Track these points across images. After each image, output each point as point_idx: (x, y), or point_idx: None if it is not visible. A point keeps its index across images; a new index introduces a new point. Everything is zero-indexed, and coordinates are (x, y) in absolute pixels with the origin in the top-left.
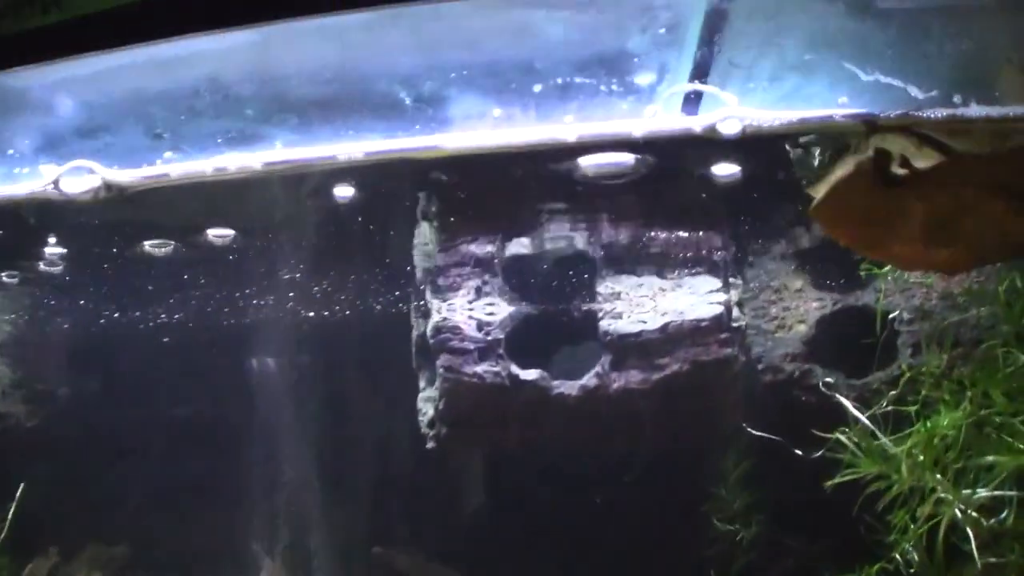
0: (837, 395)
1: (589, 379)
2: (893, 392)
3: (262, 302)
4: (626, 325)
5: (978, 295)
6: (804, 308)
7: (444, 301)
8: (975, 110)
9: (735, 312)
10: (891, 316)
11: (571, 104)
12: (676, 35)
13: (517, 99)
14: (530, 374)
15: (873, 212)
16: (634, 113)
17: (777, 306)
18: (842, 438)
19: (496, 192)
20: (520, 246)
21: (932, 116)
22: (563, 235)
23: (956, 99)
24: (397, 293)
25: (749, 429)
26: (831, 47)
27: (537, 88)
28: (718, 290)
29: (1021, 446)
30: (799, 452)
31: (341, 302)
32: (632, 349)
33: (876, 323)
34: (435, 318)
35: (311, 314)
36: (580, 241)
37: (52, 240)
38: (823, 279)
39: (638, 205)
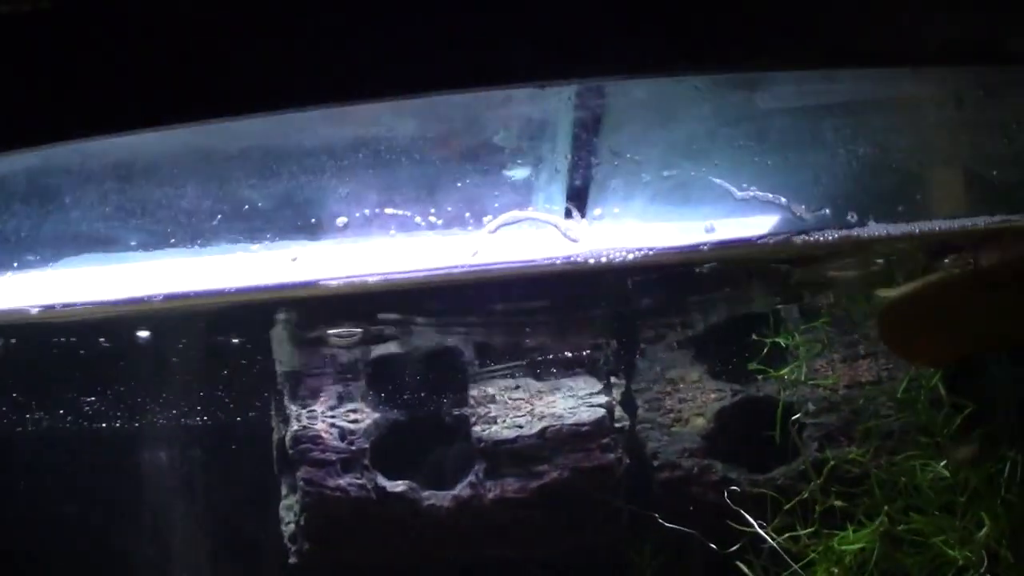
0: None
1: (462, 489)
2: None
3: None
4: (501, 430)
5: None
6: (702, 400)
7: (304, 408)
8: (873, 229)
9: (617, 413)
10: (795, 408)
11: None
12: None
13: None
14: (398, 486)
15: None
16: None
17: (673, 398)
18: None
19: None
20: (386, 347)
21: (816, 239)
22: (432, 335)
23: (851, 217)
24: (263, 397)
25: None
26: (699, 158)
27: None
28: (599, 391)
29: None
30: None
31: (203, 407)
32: (508, 456)
33: (779, 415)
34: (294, 427)
35: (171, 420)
36: (450, 341)
37: None
38: (722, 369)
39: (512, 303)
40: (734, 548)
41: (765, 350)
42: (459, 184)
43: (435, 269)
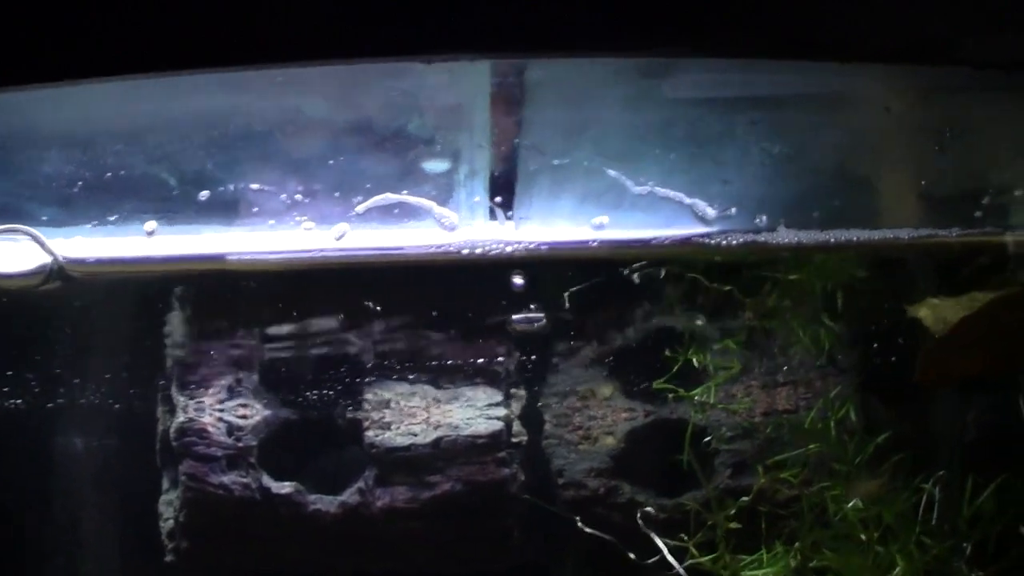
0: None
1: (350, 495)
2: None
3: None
4: (394, 437)
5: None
6: (612, 418)
7: (191, 399)
8: (783, 235)
9: (516, 427)
10: (709, 432)
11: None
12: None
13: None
14: (284, 487)
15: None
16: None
17: (582, 414)
18: None
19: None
20: (282, 342)
21: (717, 242)
22: (331, 335)
23: (760, 220)
24: (149, 382)
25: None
26: (594, 148)
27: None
28: (499, 403)
29: None
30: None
31: (87, 388)
32: (400, 464)
33: (691, 439)
34: (180, 418)
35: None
36: (348, 342)
37: None
38: (636, 388)
39: (415, 305)
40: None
41: (677, 370)
42: (372, 178)
43: (297, 252)
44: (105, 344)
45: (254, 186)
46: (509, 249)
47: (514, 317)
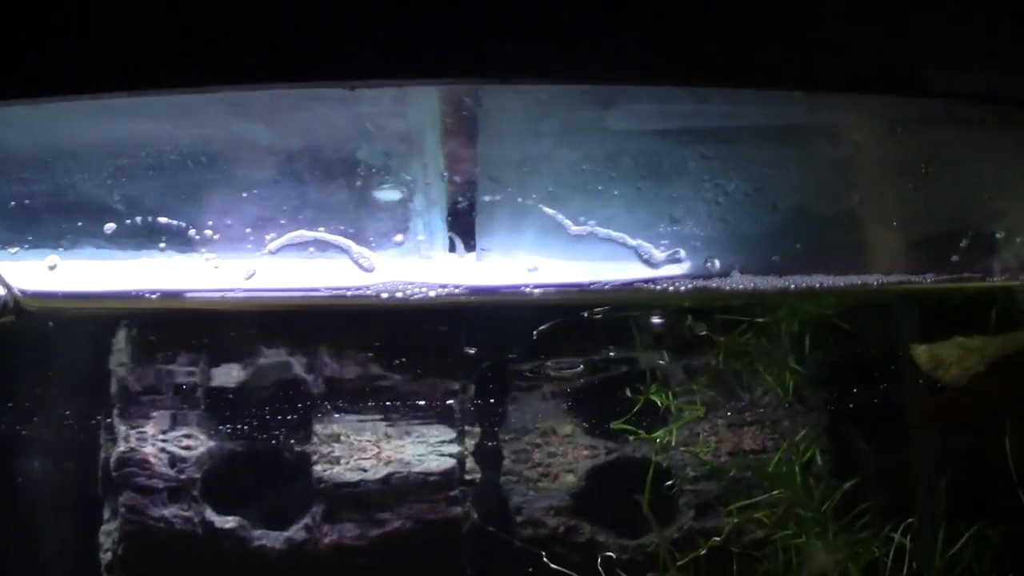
0: None
1: (296, 531)
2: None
3: None
4: (344, 472)
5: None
6: (573, 456)
7: (133, 428)
8: (738, 280)
9: (469, 464)
10: (672, 473)
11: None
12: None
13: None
14: (227, 521)
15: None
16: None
17: (542, 451)
18: None
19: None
20: (229, 372)
21: (663, 288)
22: (279, 366)
23: (711, 264)
24: (91, 411)
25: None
26: (532, 183)
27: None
28: (451, 441)
29: None
30: None
31: (28, 415)
32: (349, 500)
33: (654, 478)
34: (121, 447)
35: None
36: (298, 373)
37: None
38: (597, 425)
39: (368, 339)
40: None
41: (639, 409)
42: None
43: (204, 291)
44: (49, 372)
45: (166, 220)
46: (432, 294)
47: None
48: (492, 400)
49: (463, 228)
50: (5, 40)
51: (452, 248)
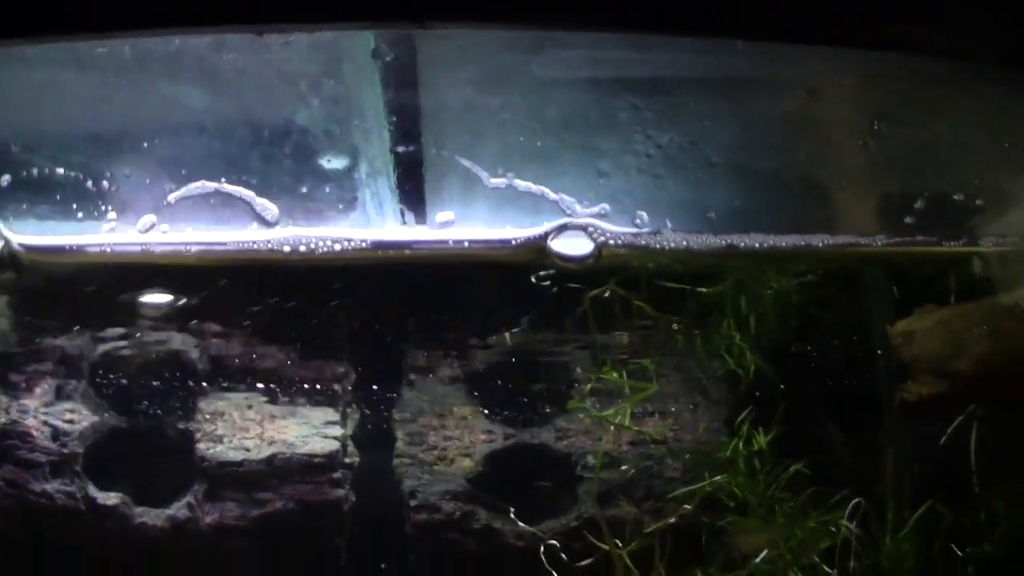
0: None
1: (178, 509)
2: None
3: None
4: (227, 451)
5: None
6: (470, 440)
7: (15, 400)
8: (668, 238)
9: (350, 447)
10: (573, 460)
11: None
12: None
13: None
14: (109, 497)
15: None
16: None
17: (438, 434)
18: None
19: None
20: (115, 346)
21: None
22: (166, 340)
23: (640, 219)
24: None
25: None
26: (448, 134)
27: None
28: (336, 422)
29: None
30: None
31: None
32: (231, 479)
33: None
34: (1, 419)
35: None
36: (185, 349)
37: None
38: (497, 409)
39: (252, 312)
40: None
41: (544, 391)
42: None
43: (98, 245)
44: None
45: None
46: (337, 247)
47: None
48: (385, 379)
49: (413, 192)
50: None
51: (402, 217)
